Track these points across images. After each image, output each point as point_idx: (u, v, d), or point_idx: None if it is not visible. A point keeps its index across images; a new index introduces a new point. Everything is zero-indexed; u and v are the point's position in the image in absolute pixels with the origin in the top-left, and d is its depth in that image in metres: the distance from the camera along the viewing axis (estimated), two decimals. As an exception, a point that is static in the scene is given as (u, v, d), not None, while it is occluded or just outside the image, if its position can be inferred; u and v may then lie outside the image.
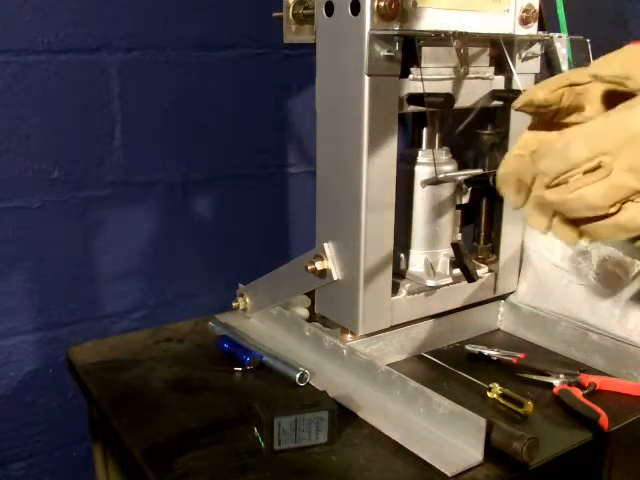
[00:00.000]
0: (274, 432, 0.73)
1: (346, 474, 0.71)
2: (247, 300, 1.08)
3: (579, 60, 0.95)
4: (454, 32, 0.79)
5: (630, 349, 0.90)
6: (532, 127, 0.46)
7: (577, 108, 0.44)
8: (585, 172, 0.38)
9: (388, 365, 0.87)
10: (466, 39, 0.81)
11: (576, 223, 0.42)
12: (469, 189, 0.98)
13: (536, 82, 0.93)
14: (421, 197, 0.94)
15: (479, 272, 0.97)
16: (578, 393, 0.84)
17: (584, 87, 0.43)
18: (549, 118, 0.44)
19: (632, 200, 0.38)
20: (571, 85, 0.43)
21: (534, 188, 0.42)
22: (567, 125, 0.44)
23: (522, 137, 0.46)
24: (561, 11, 1.02)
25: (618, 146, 0.37)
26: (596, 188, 0.38)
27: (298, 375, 0.89)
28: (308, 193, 0.97)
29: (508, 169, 0.43)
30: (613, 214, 0.39)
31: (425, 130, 0.95)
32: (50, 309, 1.06)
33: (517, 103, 0.43)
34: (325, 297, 0.94)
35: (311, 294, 1.02)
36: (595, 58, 0.44)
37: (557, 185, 0.40)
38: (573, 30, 0.93)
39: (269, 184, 1.21)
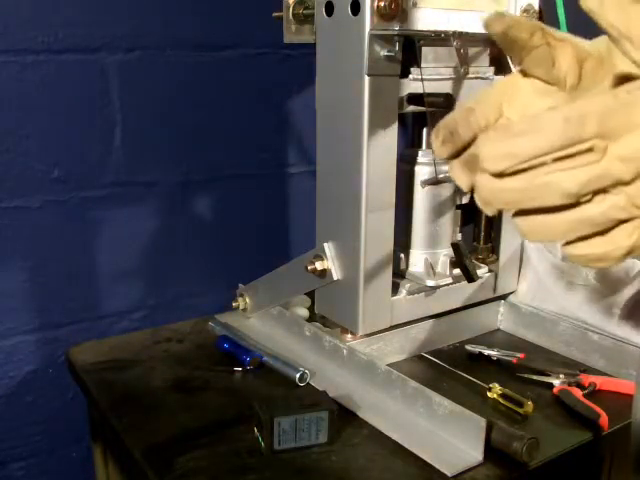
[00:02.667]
0: (274, 432, 0.73)
1: (346, 474, 0.71)
2: (247, 300, 1.08)
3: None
4: (454, 32, 0.79)
5: (630, 349, 0.90)
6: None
7: (545, 60, 0.41)
8: (562, 157, 0.34)
9: (388, 365, 0.87)
10: (466, 39, 0.81)
11: (523, 213, 0.37)
12: (469, 189, 0.98)
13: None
14: (421, 197, 0.94)
15: (479, 272, 0.97)
16: (578, 393, 0.84)
17: (558, 42, 0.42)
18: (517, 60, 0.41)
19: (606, 192, 0.34)
20: (544, 31, 0.40)
21: (472, 146, 0.38)
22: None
23: (481, 93, 0.42)
24: (561, 11, 1.02)
25: (621, 131, 0.33)
26: (578, 174, 0.34)
27: (298, 375, 0.89)
28: (308, 193, 0.97)
29: (448, 121, 0.40)
30: (573, 206, 0.35)
31: (425, 130, 0.95)
32: (50, 309, 1.06)
33: (488, 17, 0.40)
34: (325, 297, 0.94)
35: (311, 294, 1.02)
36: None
37: (521, 171, 0.35)
38: (573, 30, 0.93)
39: (269, 184, 1.21)
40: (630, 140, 0.33)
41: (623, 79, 0.37)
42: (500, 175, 0.35)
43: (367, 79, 0.79)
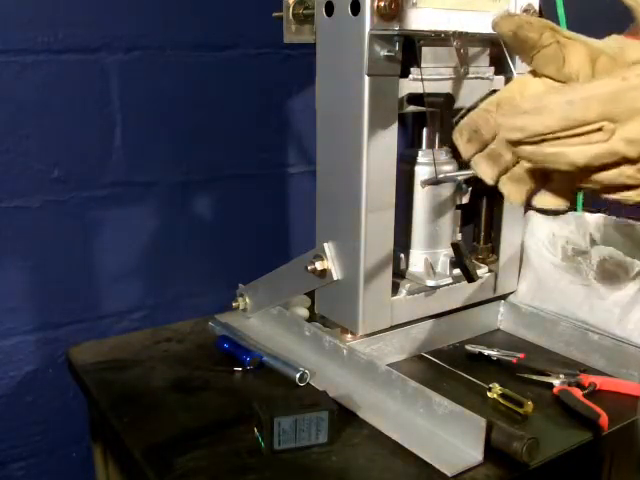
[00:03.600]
0: (274, 432, 0.73)
1: (346, 474, 0.71)
2: (247, 300, 1.08)
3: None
4: (454, 32, 0.79)
5: (630, 349, 0.90)
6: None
7: (556, 58, 0.42)
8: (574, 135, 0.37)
9: (388, 365, 0.87)
10: (466, 39, 0.81)
11: (540, 178, 0.42)
12: (469, 189, 0.98)
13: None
14: (421, 197, 0.94)
15: (479, 272, 0.97)
16: (578, 393, 0.84)
17: (567, 40, 0.42)
18: (527, 59, 0.43)
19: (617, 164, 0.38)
20: (554, 30, 0.42)
21: (493, 143, 0.42)
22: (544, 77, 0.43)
23: (495, 95, 0.45)
24: (561, 11, 1.02)
25: (629, 115, 0.35)
26: (586, 150, 0.37)
27: (298, 375, 0.89)
28: (308, 193, 0.97)
29: (469, 120, 0.43)
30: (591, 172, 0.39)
31: (425, 130, 0.95)
32: (50, 309, 1.06)
33: (497, 17, 0.42)
34: (325, 297, 0.94)
35: (311, 294, 1.02)
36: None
37: (532, 143, 0.39)
38: (573, 30, 0.93)
39: (269, 184, 1.21)
40: (636, 125, 0.35)
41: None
42: (517, 143, 0.39)
43: (367, 79, 0.79)
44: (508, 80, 0.93)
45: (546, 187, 0.42)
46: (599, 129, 0.36)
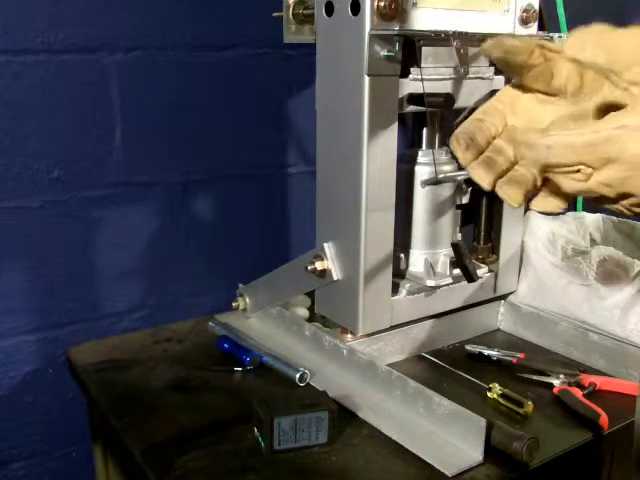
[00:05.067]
0: (274, 432, 0.73)
1: (346, 474, 0.71)
2: (247, 300, 1.08)
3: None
4: (454, 32, 0.79)
5: (630, 349, 0.90)
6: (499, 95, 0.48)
7: (544, 74, 0.44)
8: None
9: (388, 365, 0.87)
10: (466, 39, 0.81)
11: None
12: (469, 189, 0.98)
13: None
14: (421, 197, 0.94)
15: (479, 272, 0.97)
16: (578, 393, 0.84)
17: (555, 54, 0.44)
18: (518, 77, 0.45)
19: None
20: (542, 48, 0.43)
21: (488, 150, 0.44)
22: (535, 92, 0.45)
23: (486, 104, 0.47)
24: (561, 11, 1.02)
25: (602, 163, 0.38)
26: (572, 184, 0.40)
27: (298, 375, 0.89)
28: (308, 193, 0.97)
29: (464, 129, 0.45)
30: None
31: (425, 130, 0.95)
32: (50, 309, 1.05)
33: (487, 44, 0.44)
34: (325, 297, 0.94)
35: (311, 294, 1.02)
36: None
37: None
38: (573, 30, 0.93)
39: (269, 184, 1.21)
40: (609, 172, 0.38)
41: (610, 107, 0.41)
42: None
43: (367, 79, 0.79)
44: (508, 80, 0.93)
45: (544, 190, 0.44)
46: (578, 170, 0.39)
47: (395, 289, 0.93)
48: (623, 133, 0.37)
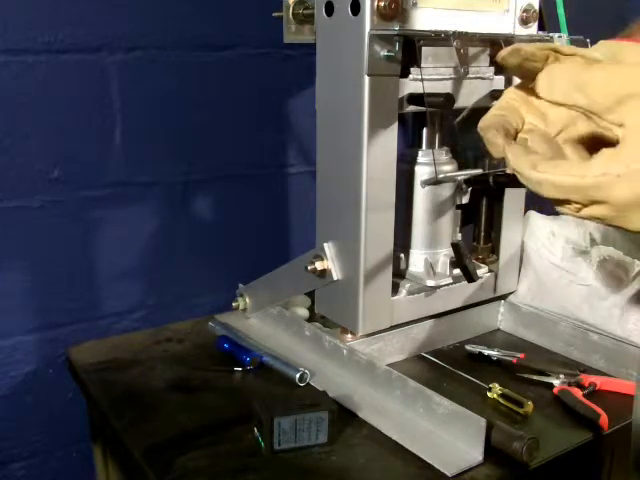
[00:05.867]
0: (274, 432, 0.73)
1: (346, 474, 0.71)
2: (247, 300, 1.08)
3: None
4: (454, 32, 0.79)
5: (630, 349, 0.90)
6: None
7: None
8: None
9: (388, 365, 0.87)
10: (466, 39, 0.81)
11: None
12: (469, 189, 0.98)
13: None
14: (421, 197, 0.94)
15: (479, 272, 0.97)
16: (578, 393, 0.84)
17: (566, 57, 0.44)
18: (530, 80, 0.45)
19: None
20: (555, 52, 0.44)
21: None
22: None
23: (501, 101, 0.48)
24: (561, 11, 1.02)
25: (590, 203, 0.40)
26: (569, 210, 0.42)
27: (298, 375, 0.89)
28: (308, 193, 0.97)
29: (487, 122, 0.46)
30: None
31: (425, 130, 0.95)
32: (50, 309, 1.05)
33: (504, 51, 0.44)
34: (325, 297, 0.94)
35: (311, 294, 1.02)
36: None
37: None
38: (573, 30, 0.93)
39: (269, 184, 1.21)
40: (598, 210, 0.40)
41: (596, 142, 0.43)
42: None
43: (367, 79, 0.79)
44: (508, 80, 0.93)
45: None
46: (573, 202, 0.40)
47: (395, 289, 0.93)
48: (608, 180, 0.38)
